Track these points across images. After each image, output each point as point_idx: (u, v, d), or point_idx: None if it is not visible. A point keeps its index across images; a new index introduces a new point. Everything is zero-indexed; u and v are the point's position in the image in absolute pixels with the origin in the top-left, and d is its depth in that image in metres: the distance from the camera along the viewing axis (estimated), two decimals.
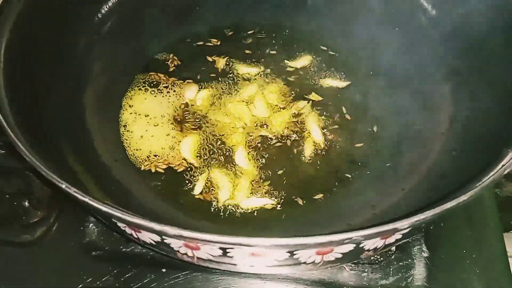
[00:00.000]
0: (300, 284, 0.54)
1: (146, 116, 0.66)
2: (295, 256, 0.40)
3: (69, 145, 0.56)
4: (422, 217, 0.37)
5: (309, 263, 0.42)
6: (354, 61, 0.72)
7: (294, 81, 0.71)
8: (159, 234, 0.39)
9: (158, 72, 0.71)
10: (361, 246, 0.40)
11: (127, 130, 0.65)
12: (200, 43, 0.75)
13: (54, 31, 0.60)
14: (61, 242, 0.58)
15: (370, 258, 0.56)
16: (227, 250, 0.39)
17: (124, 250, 0.57)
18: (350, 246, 0.40)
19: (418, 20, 0.69)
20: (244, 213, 0.58)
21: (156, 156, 0.62)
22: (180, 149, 0.63)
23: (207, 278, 0.54)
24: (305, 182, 0.61)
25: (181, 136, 0.64)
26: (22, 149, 0.42)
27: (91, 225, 0.58)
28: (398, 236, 0.42)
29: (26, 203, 0.60)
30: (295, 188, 0.60)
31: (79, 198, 0.39)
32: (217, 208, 0.58)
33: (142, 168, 0.61)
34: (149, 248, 0.49)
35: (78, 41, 0.66)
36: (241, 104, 0.68)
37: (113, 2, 0.70)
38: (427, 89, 0.64)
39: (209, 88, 0.70)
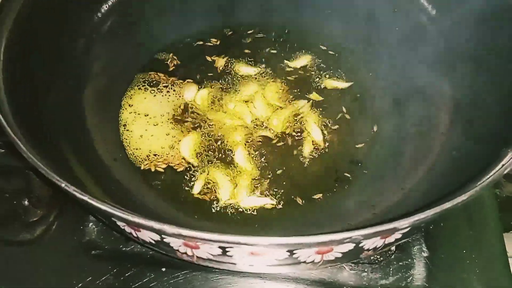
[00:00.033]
0: (300, 283, 0.54)
1: (145, 115, 0.66)
2: (295, 255, 0.40)
3: (68, 144, 0.55)
4: (421, 216, 0.37)
5: (308, 263, 0.42)
6: (354, 61, 0.72)
7: (293, 80, 0.71)
8: (159, 233, 0.39)
9: (158, 71, 0.71)
10: (360, 245, 0.40)
11: (127, 130, 0.65)
12: (200, 43, 0.75)
13: (54, 30, 0.60)
14: (60, 241, 0.58)
15: (370, 258, 0.56)
16: (227, 249, 0.39)
17: (123, 249, 0.57)
18: (349, 246, 0.40)
19: (418, 20, 0.69)
20: (243, 212, 0.58)
21: (155, 155, 0.62)
22: (179, 148, 0.63)
23: (207, 277, 0.54)
24: (304, 182, 0.61)
25: (180, 135, 0.64)
26: (22, 148, 0.42)
27: (91, 224, 0.58)
28: (397, 235, 0.42)
29: (26, 202, 0.60)
30: (295, 187, 0.60)
31: (79, 196, 0.39)
32: (216, 207, 0.58)
33: (142, 167, 0.61)
34: (148, 247, 0.49)
35: (78, 40, 0.65)
36: (241, 103, 0.68)
37: (113, 2, 0.70)
38: (427, 89, 0.64)
39: (208, 87, 0.70)
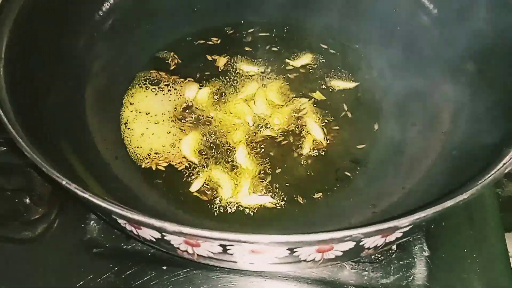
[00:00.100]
0: (300, 282, 0.54)
1: (147, 114, 0.66)
2: (295, 253, 0.40)
3: (69, 143, 0.56)
4: (422, 215, 0.37)
5: (309, 261, 0.42)
6: (354, 60, 0.72)
7: (294, 79, 0.71)
8: (159, 230, 0.39)
9: (159, 70, 0.71)
10: (361, 244, 0.40)
11: (128, 128, 0.65)
12: (201, 42, 0.75)
13: (54, 30, 0.60)
14: (61, 239, 0.58)
15: (371, 257, 0.56)
16: (227, 247, 0.39)
17: (124, 247, 0.57)
18: (350, 244, 0.40)
19: (419, 19, 0.69)
20: (244, 211, 0.58)
21: (156, 154, 0.62)
22: (180, 147, 0.63)
23: (208, 275, 0.54)
24: (305, 181, 0.61)
25: (181, 134, 0.64)
26: (23, 145, 0.42)
27: (92, 222, 0.58)
28: (398, 234, 0.42)
29: (27, 200, 0.60)
30: (296, 186, 0.60)
31: (80, 194, 0.39)
32: (217, 206, 0.58)
33: (143, 165, 0.61)
34: (149, 245, 0.49)
35: (79, 39, 0.66)
36: (241, 102, 0.68)
37: (113, 0, 0.70)
38: (428, 88, 0.64)
39: (209, 86, 0.70)
